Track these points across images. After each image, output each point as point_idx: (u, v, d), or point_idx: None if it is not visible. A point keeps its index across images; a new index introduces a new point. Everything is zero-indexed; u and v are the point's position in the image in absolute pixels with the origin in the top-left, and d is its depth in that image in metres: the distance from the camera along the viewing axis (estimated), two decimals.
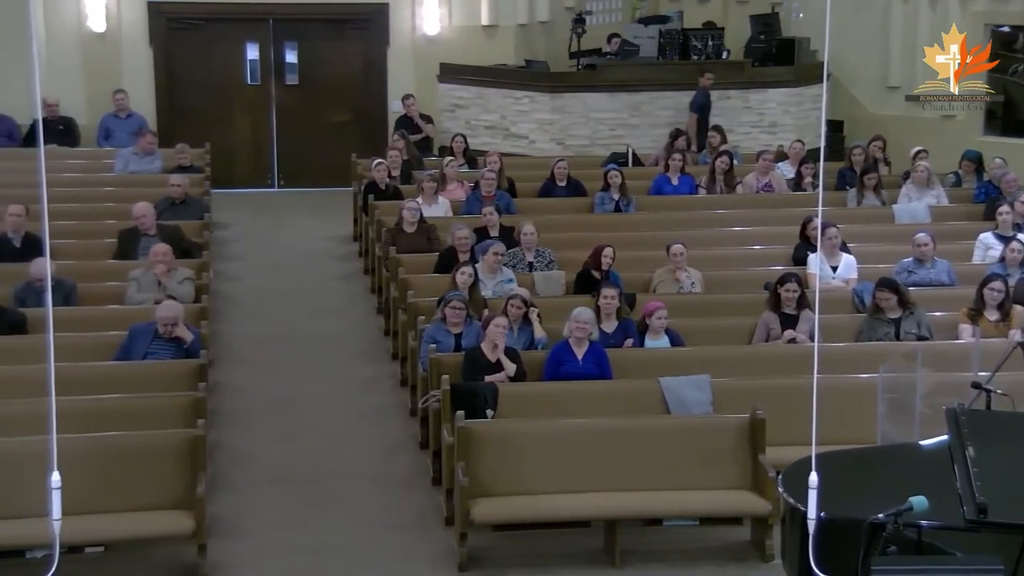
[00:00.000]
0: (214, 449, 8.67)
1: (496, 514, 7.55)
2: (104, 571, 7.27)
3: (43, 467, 4.45)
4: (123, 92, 15.19)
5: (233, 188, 15.86)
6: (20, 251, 10.45)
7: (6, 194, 11.39)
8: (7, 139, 14.77)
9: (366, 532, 7.90)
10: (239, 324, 11.50)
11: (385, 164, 13.24)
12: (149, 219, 10.99)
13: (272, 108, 16.66)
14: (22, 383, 7.92)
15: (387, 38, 16.65)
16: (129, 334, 8.92)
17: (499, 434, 7.79)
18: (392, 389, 10.21)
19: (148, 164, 13.76)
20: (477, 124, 15.86)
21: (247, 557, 7.55)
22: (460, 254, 10.62)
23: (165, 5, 16.14)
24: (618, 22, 17.84)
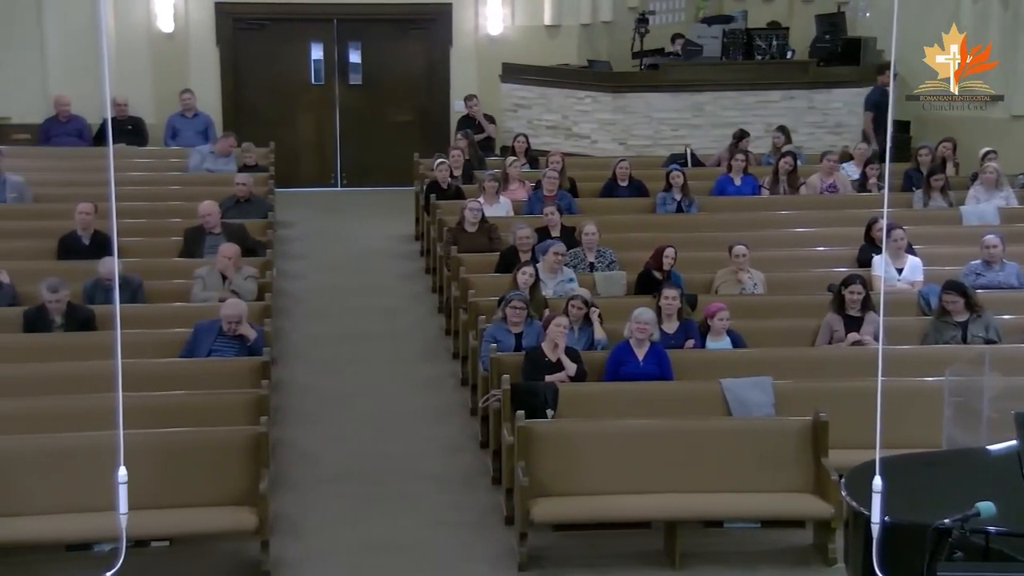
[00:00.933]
0: (277, 446, 8.75)
1: (556, 514, 7.55)
2: (169, 566, 7.35)
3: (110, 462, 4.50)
4: (190, 92, 15.37)
5: (297, 187, 15.99)
6: (89, 249, 10.60)
7: (76, 193, 11.57)
8: (78, 138, 15.00)
9: (426, 530, 7.93)
10: (302, 322, 11.59)
11: (447, 164, 13.28)
12: (214, 218, 11.11)
13: (336, 108, 16.77)
14: (90, 379, 8.02)
15: (450, 38, 16.69)
16: (194, 331, 9.02)
17: (559, 434, 7.79)
18: (453, 388, 10.24)
19: (223, 165, 13.90)
20: (539, 124, 15.86)
21: (309, 554, 7.60)
22: (521, 254, 10.62)
23: (232, 6, 16.30)
24: (682, 22, 17.75)
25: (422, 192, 13.51)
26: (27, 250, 10.70)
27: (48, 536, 7.14)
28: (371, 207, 15.59)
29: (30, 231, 11.19)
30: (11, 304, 9.54)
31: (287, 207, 14.73)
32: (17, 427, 7.56)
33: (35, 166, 13.52)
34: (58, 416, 7.71)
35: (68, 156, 14.35)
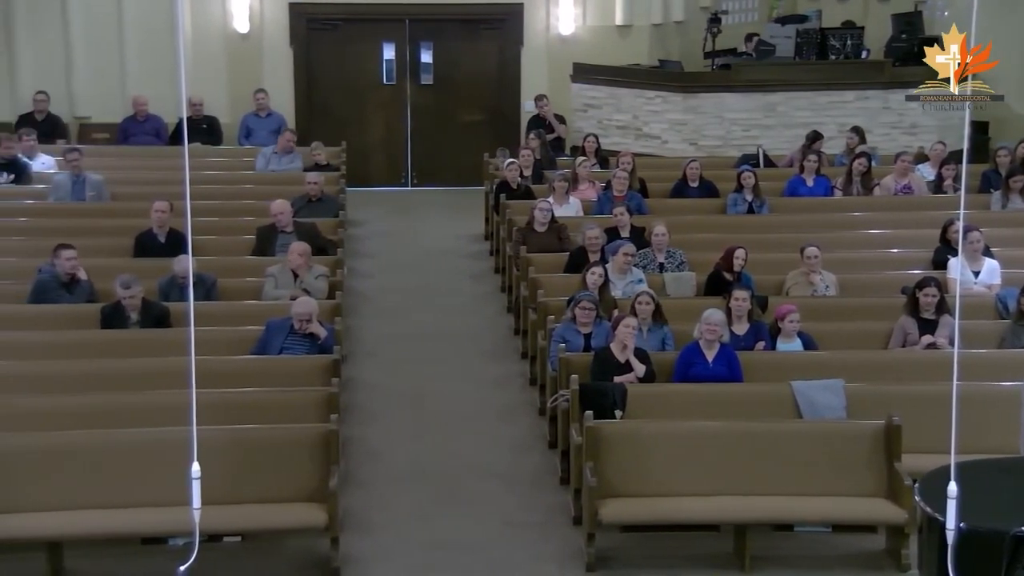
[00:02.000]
0: (346, 444, 8.80)
1: (625, 515, 7.53)
2: (241, 561, 7.44)
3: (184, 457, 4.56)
4: (264, 92, 15.54)
5: (368, 186, 16.11)
6: (164, 246, 10.75)
7: (152, 191, 11.74)
8: (154, 138, 15.23)
9: (494, 529, 7.95)
10: (372, 321, 11.66)
11: (517, 164, 13.29)
12: (286, 216, 11.21)
13: (407, 107, 16.86)
14: (165, 375, 8.14)
15: (521, 38, 16.71)
16: (266, 329, 9.10)
17: (628, 435, 7.76)
18: (521, 388, 10.25)
19: (287, 163, 14.05)
20: (609, 124, 15.82)
21: (378, 551, 7.64)
22: (590, 254, 10.61)
23: (306, 6, 16.45)
24: (755, 21, 17.62)
25: (492, 192, 13.54)
26: (105, 248, 10.86)
27: (124, 529, 7.24)
28: (441, 207, 15.66)
29: (108, 229, 11.36)
30: (89, 300, 9.70)
31: (358, 206, 14.83)
32: (93, 422, 7.68)
33: (113, 165, 13.74)
34: (133, 412, 7.82)
35: (145, 155, 14.57)
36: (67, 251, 9.68)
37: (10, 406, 7.88)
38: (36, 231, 11.35)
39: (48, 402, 7.96)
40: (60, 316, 9.48)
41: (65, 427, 7.57)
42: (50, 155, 13.65)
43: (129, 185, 12.94)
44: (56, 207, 12.23)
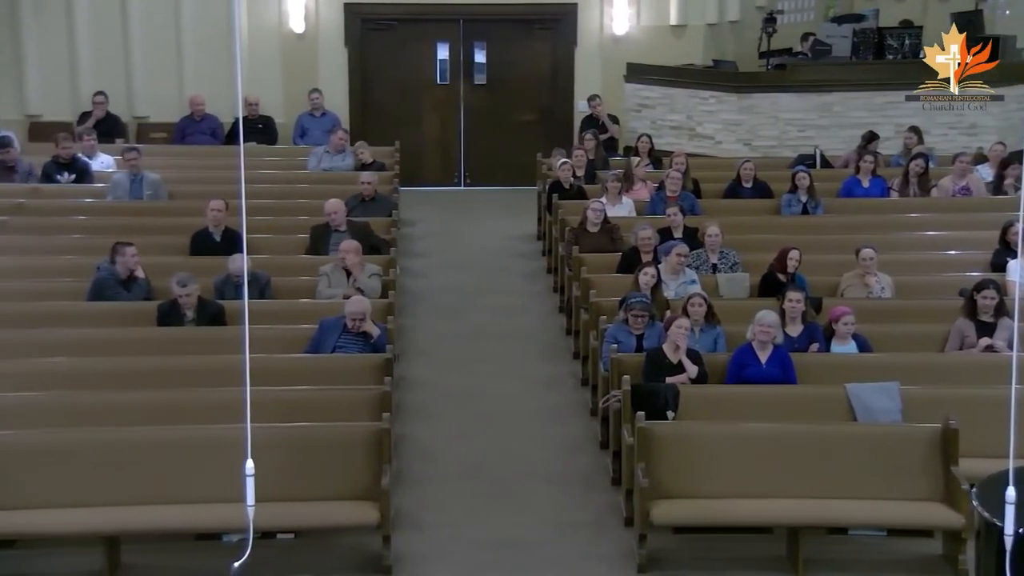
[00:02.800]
0: (399, 442, 8.84)
1: (677, 516, 7.51)
2: (294, 558, 7.48)
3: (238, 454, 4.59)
4: (318, 92, 15.64)
5: (421, 186, 16.16)
6: (220, 245, 10.84)
7: (208, 190, 11.84)
8: (211, 137, 15.38)
9: (546, 529, 7.95)
10: (424, 320, 11.70)
11: (570, 164, 13.28)
12: (340, 216, 11.27)
13: (460, 107, 16.89)
14: (219, 372, 8.21)
15: (575, 38, 16.69)
16: (319, 328, 9.15)
17: (680, 436, 7.73)
18: (573, 388, 10.24)
19: (340, 161, 14.12)
20: (663, 124, 15.76)
21: (429, 549, 7.67)
22: (643, 254, 10.58)
23: (361, 6, 16.53)
24: (811, 21, 17.49)
25: (544, 192, 13.54)
26: (162, 246, 10.97)
27: (179, 525, 7.32)
28: (494, 206, 15.67)
29: (165, 227, 11.47)
30: (146, 298, 9.81)
31: (411, 206, 14.89)
32: (150, 419, 7.76)
33: (170, 164, 13.88)
34: (188, 409, 7.90)
35: (202, 154, 14.71)
36: (128, 248, 9.79)
37: (68, 402, 7.98)
38: (95, 229, 11.48)
39: (105, 398, 8.04)
40: (117, 313, 9.58)
41: (121, 423, 7.66)
42: (109, 154, 13.82)
43: (186, 184, 13.07)
44: (114, 206, 12.38)
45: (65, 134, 13.44)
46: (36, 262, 10.69)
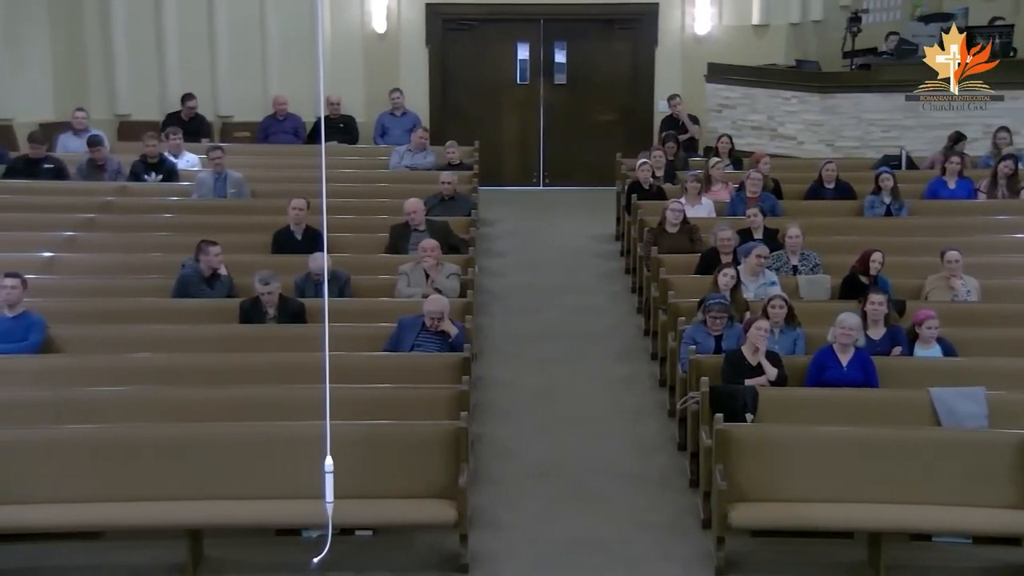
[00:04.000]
0: (476, 441, 8.87)
1: (756, 519, 7.45)
2: (372, 554, 7.54)
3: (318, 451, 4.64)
4: (399, 91, 15.74)
5: (500, 185, 16.21)
6: (301, 243, 10.96)
7: (290, 189, 11.98)
8: (293, 136, 15.55)
9: (623, 530, 7.93)
10: (503, 319, 11.72)
11: (649, 164, 13.23)
12: (419, 215, 11.33)
13: (540, 107, 16.90)
14: (300, 370, 8.30)
15: (656, 38, 16.63)
16: (398, 326, 9.21)
17: (759, 438, 7.67)
18: (650, 389, 10.20)
19: (421, 160, 14.21)
20: (743, 124, 15.64)
21: (506, 548, 7.68)
22: (722, 255, 10.51)
23: (442, 7, 16.62)
24: (897, 20, 17.22)
25: (623, 192, 13.50)
26: (244, 244, 11.11)
27: (260, 520, 7.40)
28: (572, 206, 15.66)
29: (247, 226, 11.60)
30: (229, 295, 9.95)
31: (490, 205, 14.93)
32: (231, 414, 7.87)
33: (253, 163, 14.06)
34: (269, 405, 7.98)
35: (284, 153, 14.89)
36: (213, 247, 9.93)
37: (153, 398, 8.12)
38: (180, 227, 11.66)
39: (188, 394, 8.16)
40: (201, 310, 9.72)
41: (204, 419, 7.77)
42: (194, 153, 14.04)
43: (268, 183, 13.22)
44: (199, 204, 12.57)
45: (152, 133, 13.67)
46: (123, 259, 10.89)
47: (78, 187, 12.94)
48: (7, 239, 11.16)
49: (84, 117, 14.46)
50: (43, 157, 13.20)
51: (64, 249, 11.07)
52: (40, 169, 13.13)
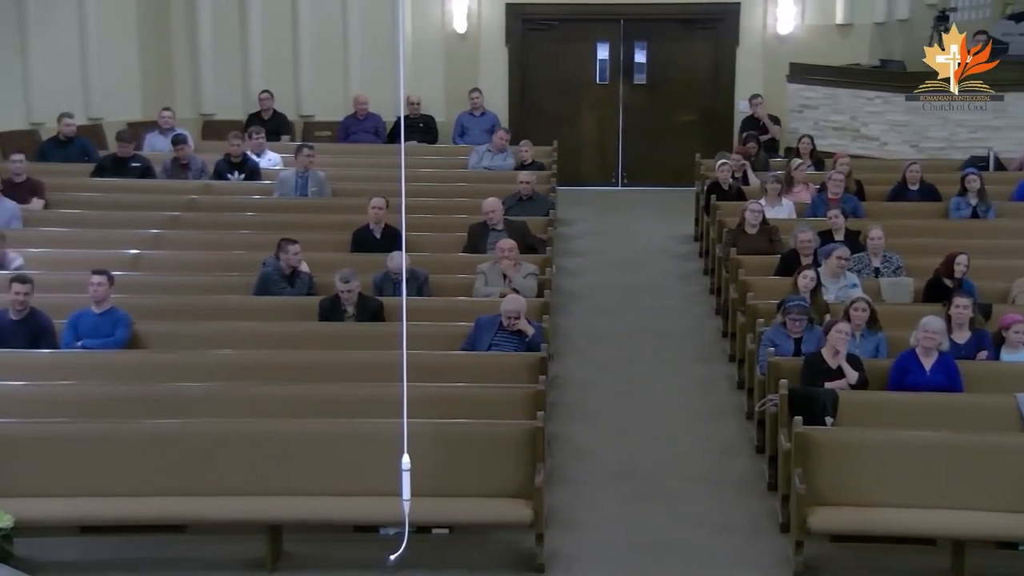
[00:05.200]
0: (552, 441, 8.87)
1: (835, 523, 7.36)
2: (449, 552, 7.57)
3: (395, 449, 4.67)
4: (478, 91, 15.79)
5: (578, 185, 16.19)
6: (380, 242, 11.04)
7: (370, 188, 12.07)
8: (373, 136, 15.67)
9: (699, 532, 7.88)
10: (580, 319, 11.70)
11: (729, 165, 13.14)
12: (497, 214, 11.36)
13: (619, 107, 16.86)
14: (378, 368, 8.35)
15: (737, 37, 16.51)
16: (475, 325, 9.24)
17: (839, 442, 7.58)
18: (728, 391, 10.13)
19: (500, 161, 14.24)
20: (826, 125, 15.46)
21: (582, 549, 7.67)
22: (803, 257, 10.41)
23: (522, 7, 16.64)
24: (986, 19, 16.92)
25: (703, 192, 13.42)
26: (325, 242, 11.21)
27: (339, 516, 7.46)
28: (651, 206, 15.60)
29: (328, 224, 11.72)
30: (309, 293, 10.05)
31: (568, 205, 14.92)
32: (310, 411, 7.95)
33: (334, 162, 14.19)
34: (347, 402, 8.04)
35: (364, 152, 15.01)
36: (293, 246, 10.05)
37: (234, 394, 8.22)
38: (262, 225, 11.81)
39: (268, 390, 8.26)
40: (281, 308, 9.83)
41: (283, 415, 7.86)
42: (276, 152, 14.21)
43: (348, 182, 13.34)
44: (281, 203, 12.72)
45: (236, 133, 13.86)
46: (206, 257, 11.05)
47: (164, 185, 13.18)
48: (96, 237, 11.39)
49: (170, 117, 14.70)
50: (131, 156, 13.45)
51: (150, 247, 11.26)
52: (128, 168, 13.38)
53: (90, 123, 15.31)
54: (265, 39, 16.34)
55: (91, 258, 10.24)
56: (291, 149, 13.75)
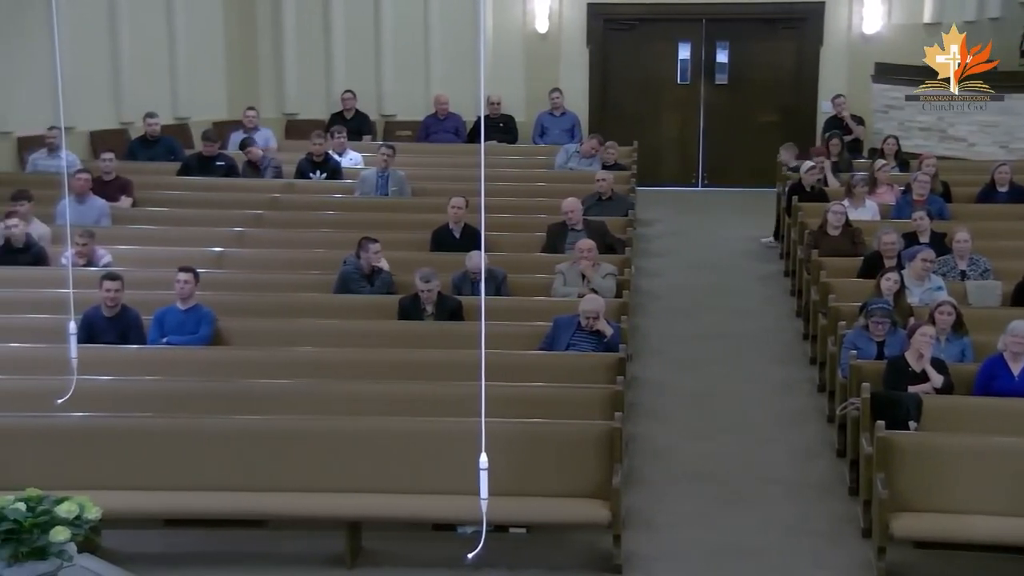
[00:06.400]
0: (630, 442, 8.84)
1: (919, 530, 7.24)
2: (526, 552, 7.57)
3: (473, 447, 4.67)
4: (559, 91, 15.80)
5: (658, 186, 16.12)
6: (459, 242, 11.08)
7: (450, 188, 12.12)
8: (453, 135, 15.75)
9: (779, 536, 7.81)
10: (659, 320, 11.66)
11: (818, 168, 13.03)
12: (576, 214, 11.35)
13: (700, 107, 16.77)
14: (456, 367, 8.38)
15: (821, 37, 16.33)
16: (554, 325, 9.24)
17: (923, 447, 7.46)
18: (809, 393, 10.02)
19: (587, 165, 14.20)
20: (911, 126, 15.23)
21: (660, 550, 7.63)
22: (886, 259, 10.27)
23: (604, 7, 16.62)
24: None
25: (784, 193, 13.29)
26: (405, 241, 11.28)
27: (417, 514, 7.49)
28: (731, 207, 15.50)
29: (408, 223, 11.79)
30: (388, 292, 10.12)
31: (648, 205, 14.87)
32: (389, 409, 7.98)
33: (414, 161, 14.28)
34: (426, 401, 8.08)
35: (444, 152, 15.09)
36: (373, 244, 10.13)
37: (314, 391, 8.30)
38: (342, 224, 11.92)
39: (348, 388, 8.31)
40: (361, 306, 9.91)
41: (364, 413, 7.91)
42: (358, 151, 14.33)
43: (428, 181, 13.41)
44: (361, 201, 12.82)
45: (318, 132, 14.01)
46: (287, 255, 11.18)
47: (247, 184, 13.36)
48: (181, 235, 11.58)
49: (254, 116, 14.90)
50: (215, 155, 13.66)
51: (233, 245, 11.42)
52: (212, 167, 13.59)
53: (177, 122, 15.59)
54: (348, 40, 16.51)
55: (177, 256, 10.42)
56: (372, 148, 13.86)
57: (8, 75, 14.16)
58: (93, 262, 10.48)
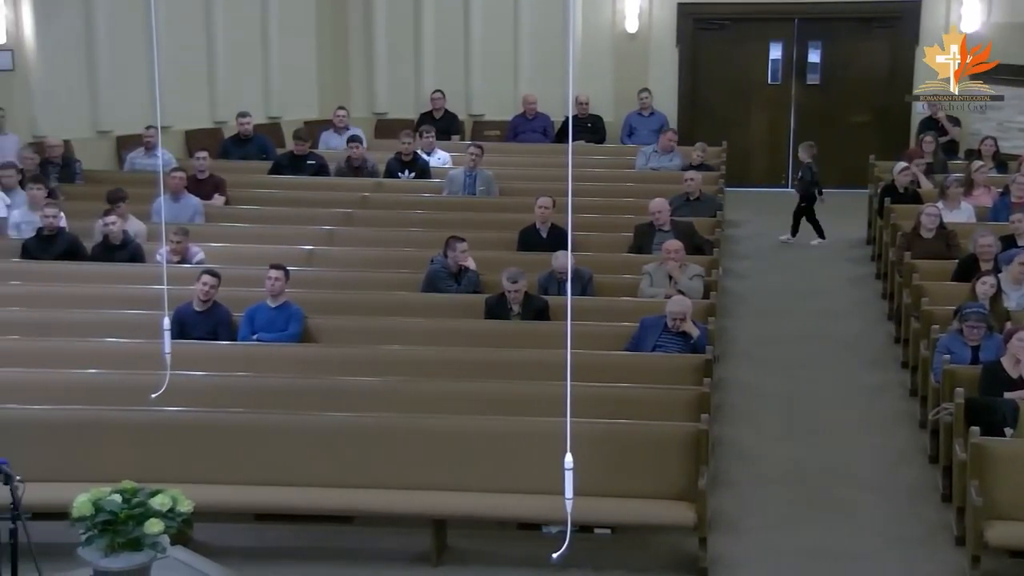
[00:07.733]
0: (716, 444, 8.77)
1: (1014, 539, 7.10)
2: (611, 553, 7.55)
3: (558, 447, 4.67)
4: (647, 91, 15.74)
5: (747, 186, 15.98)
6: (546, 241, 11.09)
7: (537, 187, 12.13)
8: (541, 135, 15.78)
9: (869, 542, 7.69)
10: (746, 322, 11.55)
11: (912, 169, 12.82)
12: (664, 215, 11.29)
13: (791, 108, 16.60)
14: (542, 366, 8.37)
15: (917, 36, 16.05)
16: (640, 326, 9.20)
17: (1019, 454, 7.31)
18: (900, 398, 9.87)
19: (667, 162, 14.16)
20: (1010, 126, 14.92)
21: (747, 554, 7.57)
22: (982, 263, 10.06)
23: (694, 6, 16.52)
24: None
25: (877, 195, 13.10)
26: (492, 241, 11.31)
27: (502, 513, 7.52)
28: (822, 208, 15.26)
29: (495, 223, 11.83)
30: (475, 291, 10.16)
31: (737, 206, 14.75)
32: (475, 408, 8.00)
33: (502, 161, 14.32)
34: (512, 400, 8.09)
35: (532, 152, 15.11)
36: (460, 243, 10.17)
37: (401, 389, 8.35)
38: (431, 223, 11.99)
39: (435, 387, 8.36)
40: (448, 305, 9.96)
41: (450, 411, 7.95)
42: (446, 151, 14.40)
43: (516, 181, 13.44)
44: (449, 201, 12.89)
45: (407, 132, 14.12)
46: (376, 254, 11.27)
47: (337, 183, 13.50)
48: (273, 232, 11.74)
49: (345, 116, 15.06)
50: (306, 154, 13.83)
51: (323, 243, 11.54)
52: (303, 165, 13.76)
53: (269, 122, 15.82)
54: (437, 39, 16.62)
55: (267, 253, 10.56)
56: (461, 148, 13.92)
57: (108, 76, 14.51)
58: (187, 259, 10.67)
